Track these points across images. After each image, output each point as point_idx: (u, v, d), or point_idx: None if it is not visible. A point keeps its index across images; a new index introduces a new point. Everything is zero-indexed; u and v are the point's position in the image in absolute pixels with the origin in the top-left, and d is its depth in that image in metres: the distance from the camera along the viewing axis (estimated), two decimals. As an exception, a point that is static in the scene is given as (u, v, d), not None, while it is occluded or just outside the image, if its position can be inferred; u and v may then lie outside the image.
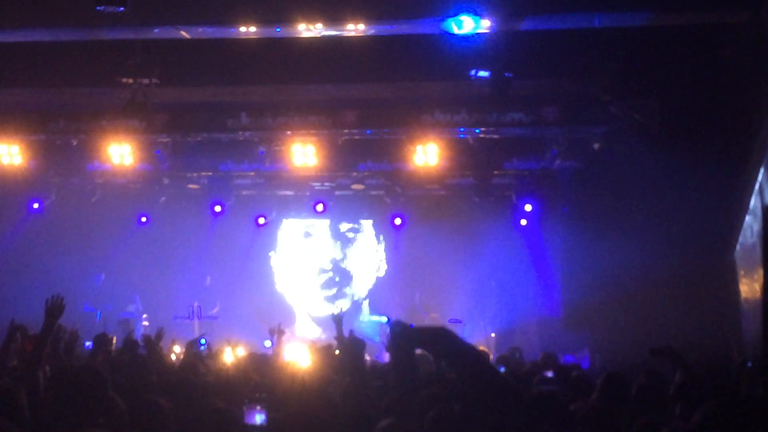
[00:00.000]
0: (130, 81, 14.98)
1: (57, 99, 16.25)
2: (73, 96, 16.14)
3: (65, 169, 18.47)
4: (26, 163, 17.27)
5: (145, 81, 14.97)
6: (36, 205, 19.41)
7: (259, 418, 5.12)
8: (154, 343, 10.00)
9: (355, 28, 13.17)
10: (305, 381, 6.13)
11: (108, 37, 14.00)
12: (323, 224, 21.66)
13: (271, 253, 21.75)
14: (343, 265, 21.80)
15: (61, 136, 16.94)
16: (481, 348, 13.54)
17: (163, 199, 20.38)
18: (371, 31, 13.46)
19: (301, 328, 21.03)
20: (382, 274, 21.60)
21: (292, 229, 21.88)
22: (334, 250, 21.80)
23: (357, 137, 16.78)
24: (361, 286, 21.69)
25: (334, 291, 21.68)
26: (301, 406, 5.42)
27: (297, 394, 5.99)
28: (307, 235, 21.84)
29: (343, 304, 21.02)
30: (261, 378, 8.13)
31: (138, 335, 16.51)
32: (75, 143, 17.13)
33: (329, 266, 21.81)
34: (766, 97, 12.21)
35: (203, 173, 19.15)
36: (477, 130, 16.36)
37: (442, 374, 6.75)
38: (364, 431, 5.76)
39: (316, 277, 21.73)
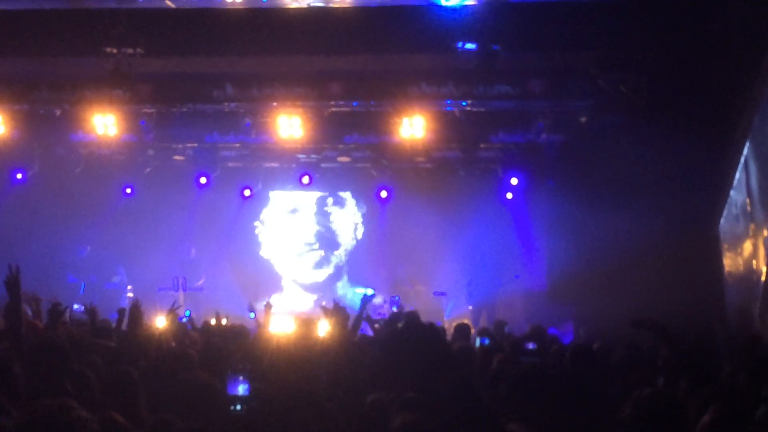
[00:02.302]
0: (114, 51, 14.82)
1: (40, 68, 16.08)
2: (56, 65, 15.97)
3: (49, 140, 18.37)
4: (9, 133, 17.13)
5: (130, 51, 14.82)
6: (19, 176, 19.29)
7: (242, 389, 5.11)
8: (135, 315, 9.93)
9: (341, 0, 13.08)
10: (290, 352, 6.12)
11: (92, 5, 13.87)
12: (308, 198, 21.66)
13: (257, 223, 21.72)
14: (327, 234, 21.84)
15: (45, 105, 16.80)
16: (465, 321, 13.57)
17: (147, 170, 20.29)
18: (358, 3, 13.37)
19: (287, 296, 21.02)
20: (360, 236, 21.64)
21: (279, 202, 21.85)
22: (319, 220, 21.83)
23: (343, 109, 16.72)
24: (344, 253, 21.77)
25: (319, 257, 21.74)
26: (285, 376, 5.42)
27: (281, 365, 5.98)
28: (294, 211, 21.85)
29: (328, 271, 21.14)
30: (244, 349, 8.12)
31: (123, 306, 16.52)
32: (58, 113, 17.00)
33: (314, 236, 21.85)
34: (753, 72, 12.20)
35: (188, 144, 19.07)
36: (464, 103, 16.32)
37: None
38: (351, 402, 5.78)
39: (302, 246, 21.76)
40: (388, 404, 5.32)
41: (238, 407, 5.09)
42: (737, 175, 13.31)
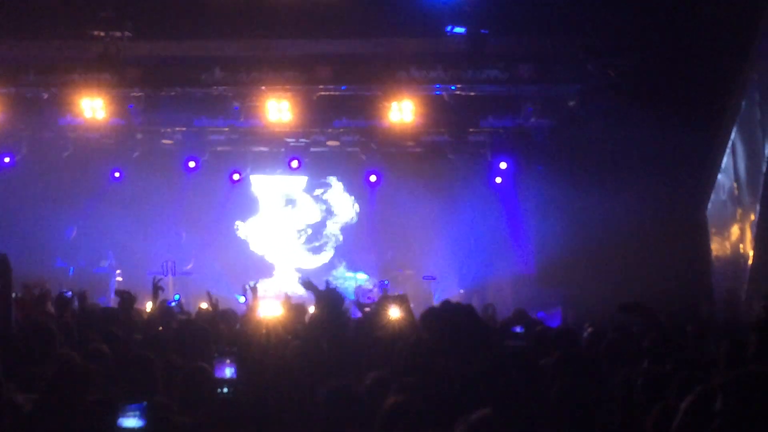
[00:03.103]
0: (102, 34, 14.79)
1: (28, 52, 16.01)
2: (44, 49, 15.90)
3: (36, 123, 18.26)
4: (-3, 116, 17.07)
5: (118, 34, 14.79)
6: (7, 159, 19.19)
7: (228, 372, 5.12)
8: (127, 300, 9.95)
9: (330, -17, 13.06)
10: (276, 335, 6.14)
11: (80, -12, 13.81)
12: (297, 183, 21.66)
13: (238, 222, 21.68)
14: (322, 218, 21.87)
15: (32, 89, 16.74)
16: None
17: (136, 154, 20.20)
18: (347, -14, 13.35)
19: (278, 280, 20.99)
20: (354, 220, 21.66)
21: (265, 188, 21.81)
22: (311, 204, 21.85)
23: (332, 93, 16.70)
24: (338, 237, 21.80)
25: (315, 242, 21.76)
26: (270, 359, 5.44)
27: (267, 348, 6.00)
28: (283, 196, 21.85)
29: (329, 254, 21.17)
30: (232, 333, 8.13)
31: (111, 290, 16.53)
32: (46, 97, 16.93)
33: (308, 220, 21.87)
34: (741, 57, 12.23)
35: (177, 128, 19.00)
36: (453, 87, 16.31)
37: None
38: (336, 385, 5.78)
39: (296, 233, 21.78)
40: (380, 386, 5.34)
41: (225, 390, 5.10)
42: (724, 160, 13.37)
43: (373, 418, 4.64)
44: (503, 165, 19.12)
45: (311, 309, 9.70)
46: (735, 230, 13.15)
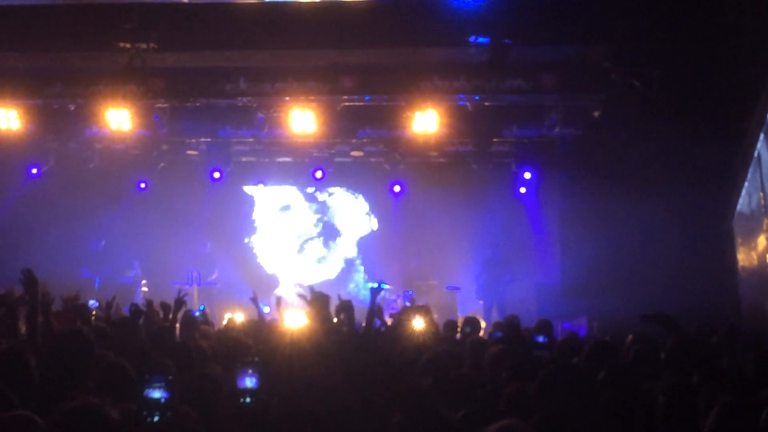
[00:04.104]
0: (128, 45, 14.87)
1: (54, 63, 16.16)
2: (70, 60, 16.05)
3: (63, 134, 18.46)
4: (24, 127, 17.23)
5: (143, 46, 14.87)
6: (34, 171, 19.41)
7: (251, 382, 5.12)
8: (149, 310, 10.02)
9: (354, -7, 13.08)
10: (299, 344, 6.15)
11: (105, 0, 13.89)
12: (297, 192, 21.75)
13: (246, 240, 21.74)
14: (327, 227, 21.87)
15: (59, 100, 16.90)
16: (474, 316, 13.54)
17: (161, 165, 20.36)
18: (370, -4, 13.37)
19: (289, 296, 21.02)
20: (374, 227, 21.64)
21: (266, 199, 21.86)
22: (314, 213, 21.92)
23: (356, 103, 16.73)
24: (353, 245, 21.78)
25: (319, 252, 21.77)
26: (294, 370, 5.44)
27: (291, 359, 6.00)
28: (285, 208, 21.88)
29: (338, 266, 21.15)
30: (257, 343, 8.14)
31: (138, 301, 16.60)
32: (72, 108, 17.08)
33: (311, 230, 21.91)
34: (766, 65, 12.14)
35: (202, 139, 19.13)
36: (476, 97, 16.30)
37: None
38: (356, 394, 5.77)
39: (299, 243, 21.80)
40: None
41: (248, 400, 5.10)
42: (750, 170, 13.25)
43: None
44: (527, 175, 19.10)
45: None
46: (762, 241, 13.02)
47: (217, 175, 19.62)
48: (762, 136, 12.68)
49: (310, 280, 20.08)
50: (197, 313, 12.75)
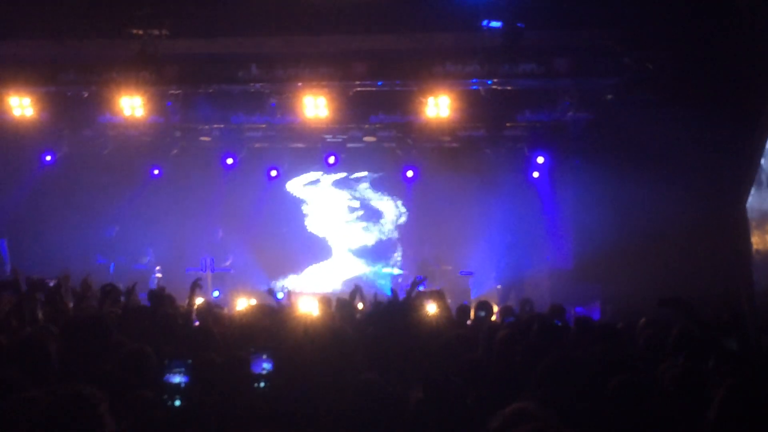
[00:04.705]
0: (140, 32, 14.91)
1: (67, 51, 16.17)
2: (83, 48, 16.05)
3: (77, 122, 18.52)
4: (38, 115, 17.31)
5: (156, 32, 14.91)
6: (48, 158, 19.49)
7: (265, 367, 5.16)
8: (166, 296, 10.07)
9: (366, -22, 13.06)
10: (314, 330, 6.16)
11: (118, -13, 13.93)
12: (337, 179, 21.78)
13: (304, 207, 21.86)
14: (368, 209, 21.92)
15: (72, 87, 16.94)
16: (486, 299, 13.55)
17: (174, 151, 20.40)
18: (382, -19, 13.35)
19: (305, 277, 21.06)
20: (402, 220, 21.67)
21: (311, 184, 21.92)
22: (357, 196, 21.94)
23: (369, 89, 16.71)
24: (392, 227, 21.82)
25: (364, 225, 21.82)
26: (308, 354, 5.47)
27: (305, 344, 6.02)
28: (332, 185, 21.92)
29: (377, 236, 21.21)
30: (270, 328, 8.16)
31: (152, 287, 16.68)
32: (86, 95, 17.12)
33: (356, 207, 21.94)
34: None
35: (215, 125, 19.14)
36: (489, 82, 16.26)
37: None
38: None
39: (348, 215, 21.84)
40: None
41: (262, 384, 5.14)
42: (765, 153, 13.20)
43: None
44: (540, 159, 19.07)
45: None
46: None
47: (230, 161, 19.67)
48: (776, 119, 12.62)
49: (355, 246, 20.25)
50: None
